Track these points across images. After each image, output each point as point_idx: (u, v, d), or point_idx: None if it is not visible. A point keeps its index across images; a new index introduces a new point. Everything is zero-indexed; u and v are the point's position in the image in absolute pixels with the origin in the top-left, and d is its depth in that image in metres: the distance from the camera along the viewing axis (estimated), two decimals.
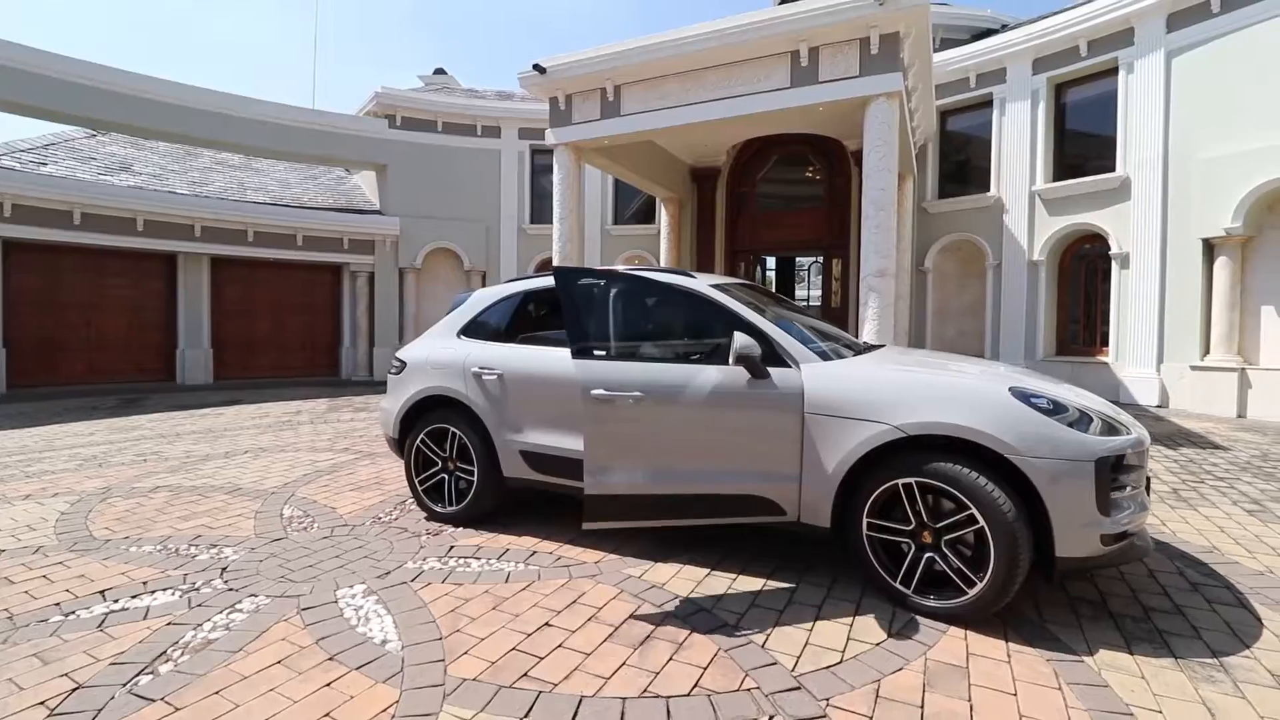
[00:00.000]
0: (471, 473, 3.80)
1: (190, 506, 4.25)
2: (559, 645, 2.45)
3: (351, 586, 2.96)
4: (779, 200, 13.69)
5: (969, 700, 2.13)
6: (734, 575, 3.11)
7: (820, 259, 13.93)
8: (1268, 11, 7.64)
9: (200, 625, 2.58)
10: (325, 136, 12.90)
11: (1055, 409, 2.63)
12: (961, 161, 11.59)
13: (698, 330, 3.22)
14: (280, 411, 8.89)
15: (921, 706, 2.09)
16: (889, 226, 7.22)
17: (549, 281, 4.02)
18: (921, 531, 2.71)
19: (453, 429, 3.84)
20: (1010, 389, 2.69)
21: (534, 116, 14.07)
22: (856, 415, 2.79)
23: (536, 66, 8.70)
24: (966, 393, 2.72)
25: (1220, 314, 8.16)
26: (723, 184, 13.69)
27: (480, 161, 14.12)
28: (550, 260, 14.29)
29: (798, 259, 18.48)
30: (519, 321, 3.96)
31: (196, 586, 2.95)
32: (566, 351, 3.58)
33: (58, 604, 2.78)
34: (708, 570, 3.17)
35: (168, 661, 2.31)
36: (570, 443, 3.46)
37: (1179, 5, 8.39)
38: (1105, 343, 9.70)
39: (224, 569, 3.16)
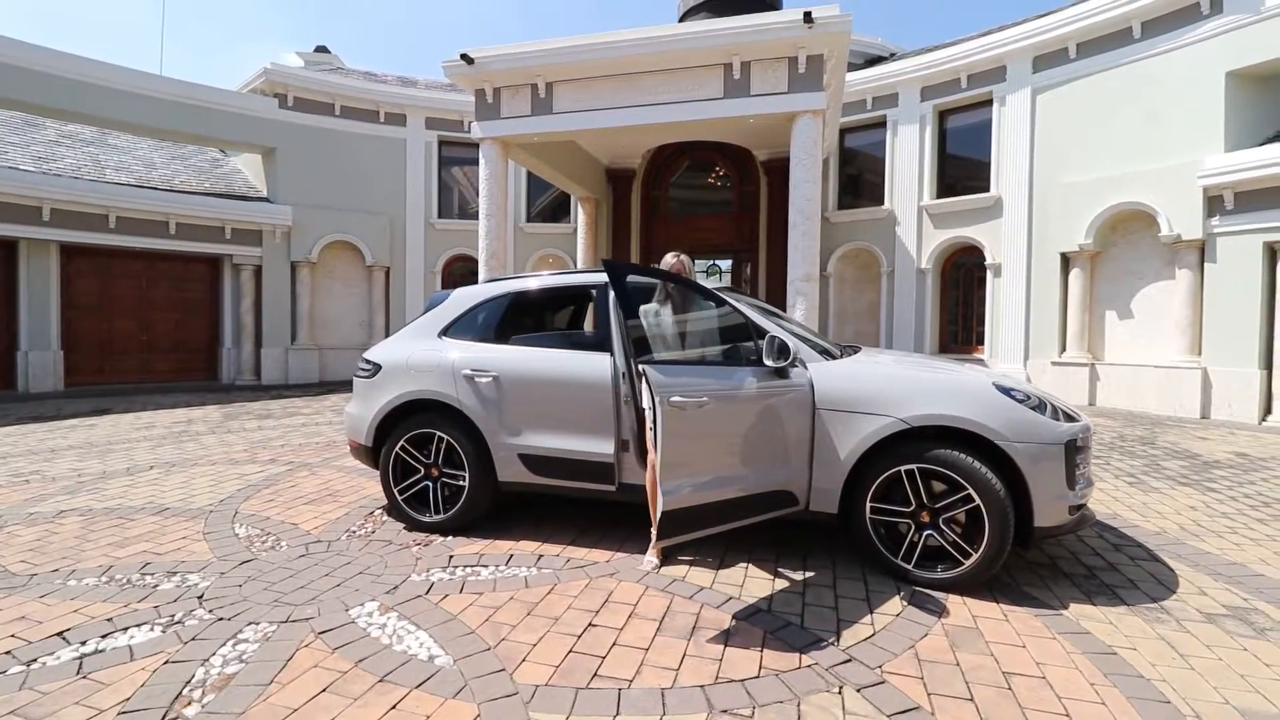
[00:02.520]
0: (460, 478, 3.65)
1: (117, 531, 3.72)
2: (614, 644, 2.47)
3: (363, 605, 2.77)
4: (692, 205, 14.17)
5: (992, 655, 2.42)
6: (744, 565, 3.26)
7: (730, 262, 14.59)
8: (1113, 60, 9.09)
9: (207, 660, 2.31)
10: (206, 113, 11.55)
11: (1027, 400, 3.04)
12: (858, 176, 12.64)
13: (719, 335, 3.32)
14: (167, 421, 7.89)
15: (957, 664, 2.35)
16: (814, 234, 7.76)
17: (538, 281, 3.97)
18: (921, 512, 3.01)
19: (439, 434, 3.67)
20: (994, 384, 3.07)
21: (442, 106, 13.50)
22: (863, 409, 3.05)
23: (464, 56, 8.41)
24: (959, 387, 3.06)
25: (1074, 317, 9.58)
26: (638, 186, 13.93)
27: (383, 150, 13.30)
28: (460, 257, 13.83)
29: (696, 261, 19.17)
30: (509, 322, 3.86)
31: (178, 619, 2.62)
32: (567, 352, 3.58)
33: (8, 652, 2.36)
34: (717, 560, 3.30)
35: (191, 704, 2.06)
36: (573, 444, 3.45)
37: (1043, 49, 9.75)
38: (981, 341, 11.03)
39: (200, 597, 2.83)
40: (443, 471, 3.71)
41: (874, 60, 12.72)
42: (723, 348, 3.30)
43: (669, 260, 3.31)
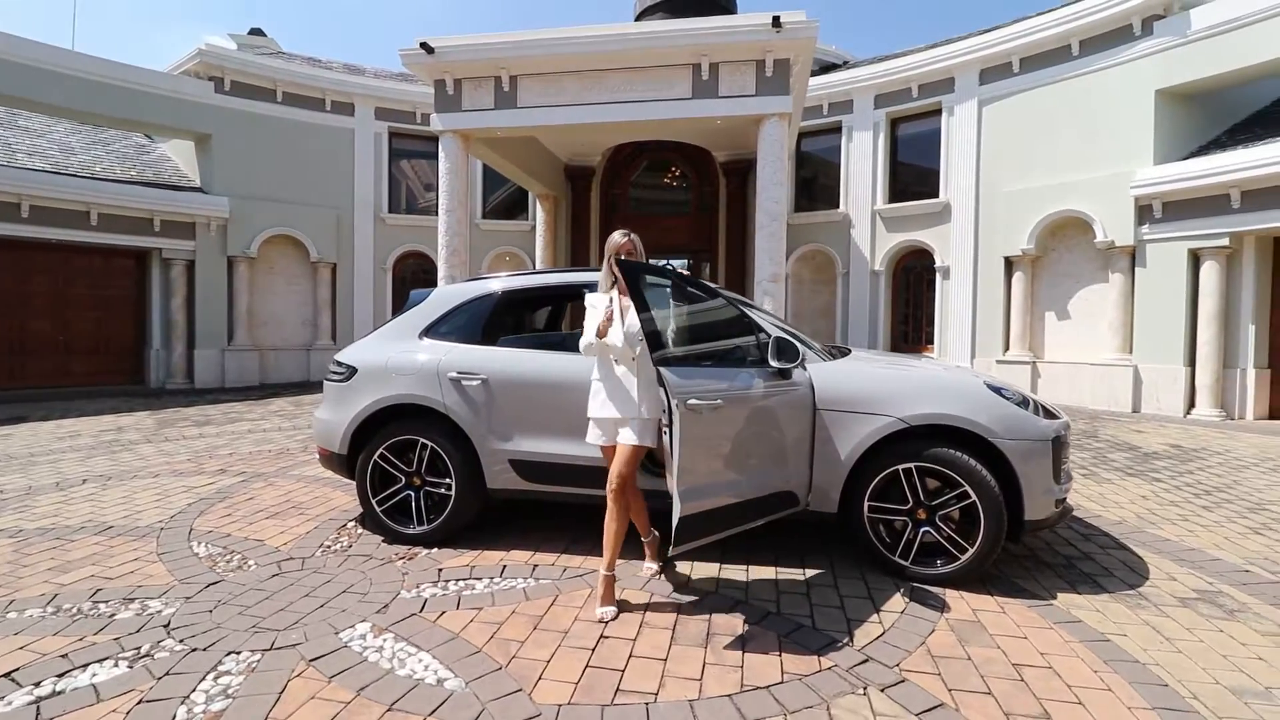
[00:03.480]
0: (446, 487, 3.49)
1: (57, 554, 3.37)
2: (630, 655, 2.39)
3: (354, 627, 2.59)
4: (651, 204, 14.18)
5: (998, 647, 2.47)
6: (743, 566, 3.24)
7: (685, 261, 14.66)
8: (1054, 76, 9.61)
9: (188, 698, 2.10)
10: (132, 95, 10.70)
11: (1016, 398, 3.14)
12: (814, 179, 12.93)
13: (718, 334, 3.26)
14: (93, 429, 7.27)
15: (969, 658, 2.39)
16: (780, 235, 7.87)
17: (527, 280, 3.83)
18: (918, 509, 3.06)
19: (423, 440, 3.49)
20: (985, 384, 3.16)
21: (394, 96, 13.00)
22: (864, 409, 3.08)
23: (424, 45, 8.10)
24: (954, 387, 3.14)
25: (1017, 317, 10.09)
26: (597, 184, 13.83)
27: (330, 140, 12.69)
28: (413, 254, 13.36)
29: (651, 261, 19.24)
30: (497, 322, 3.71)
31: (145, 652, 2.38)
32: (561, 355, 3.47)
33: None
34: (716, 564, 3.27)
35: None
36: (568, 449, 3.34)
37: (989, 63, 10.22)
38: (930, 341, 11.47)
39: (167, 625, 2.58)
40: (426, 480, 3.54)
41: (829, 67, 13.03)
42: (725, 347, 3.27)
43: (617, 239, 2.90)
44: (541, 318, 4.79)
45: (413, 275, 13.56)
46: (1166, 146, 8.58)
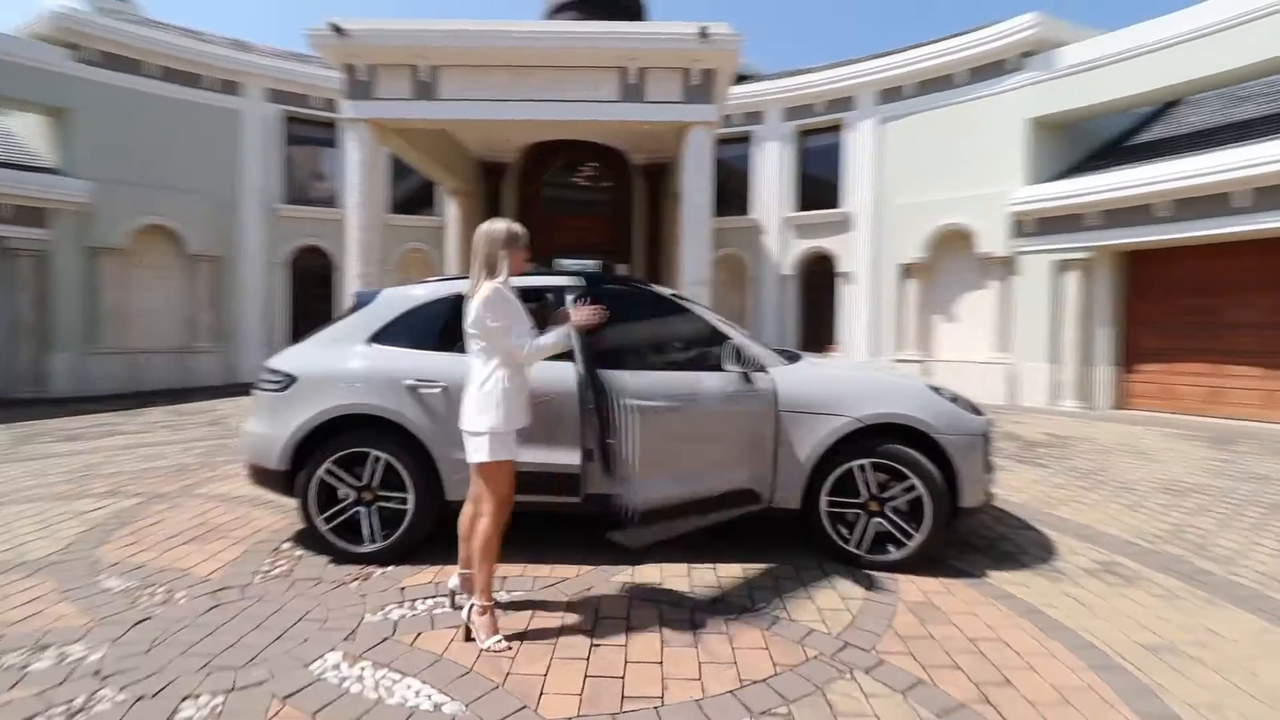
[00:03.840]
0: (401, 501, 3.31)
1: None
2: (627, 662, 2.40)
3: (323, 657, 2.40)
4: (567, 203, 14.06)
5: (954, 625, 2.72)
6: (712, 565, 3.33)
7: (598, 262, 14.68)
8: (942, 101, 10.57)
9: None
10: None
11: (949, 397, 3.46)
12: (726, 185, 13.38)
13: (682, 341, 3.36)
14: None
15: (932, 637, 2.62)
16: (706, 239, 8.11)
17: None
18: (870, 502, 3.30)
19: (375, 452, 3.29)
20: (926, 385, 3.45)
21: (288, 77, 12.04)
22: (823, 411, 3.27)
23: (334, 26, 7.58)
24: (901, 389, 3.40)
25: (911, 320, 11.02)
26: (513, 181, 13.54)
27: (213, 122, 11.52)
28: (311, 249, 12.42)
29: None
30: (453, 327, 3.55)
31: (80, 706, 2.08)
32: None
33: None
34: (685, 565, 3.33)
35: None
36: (535, 456, 3.28)
37: (885, 85, 11.07)
38: (834, 340, 12.25)
39: (99, 673, 2.27)
40: (379, 495, 3.33)
41: (740, 78, 13.51)
42: (687, 353, 3.37)
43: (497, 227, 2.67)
44: None
45: (311, 273, 12.61)
46: (1037, 169, 9.72)
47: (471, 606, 2.55)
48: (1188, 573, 3.33)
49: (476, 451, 2.55)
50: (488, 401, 2.53)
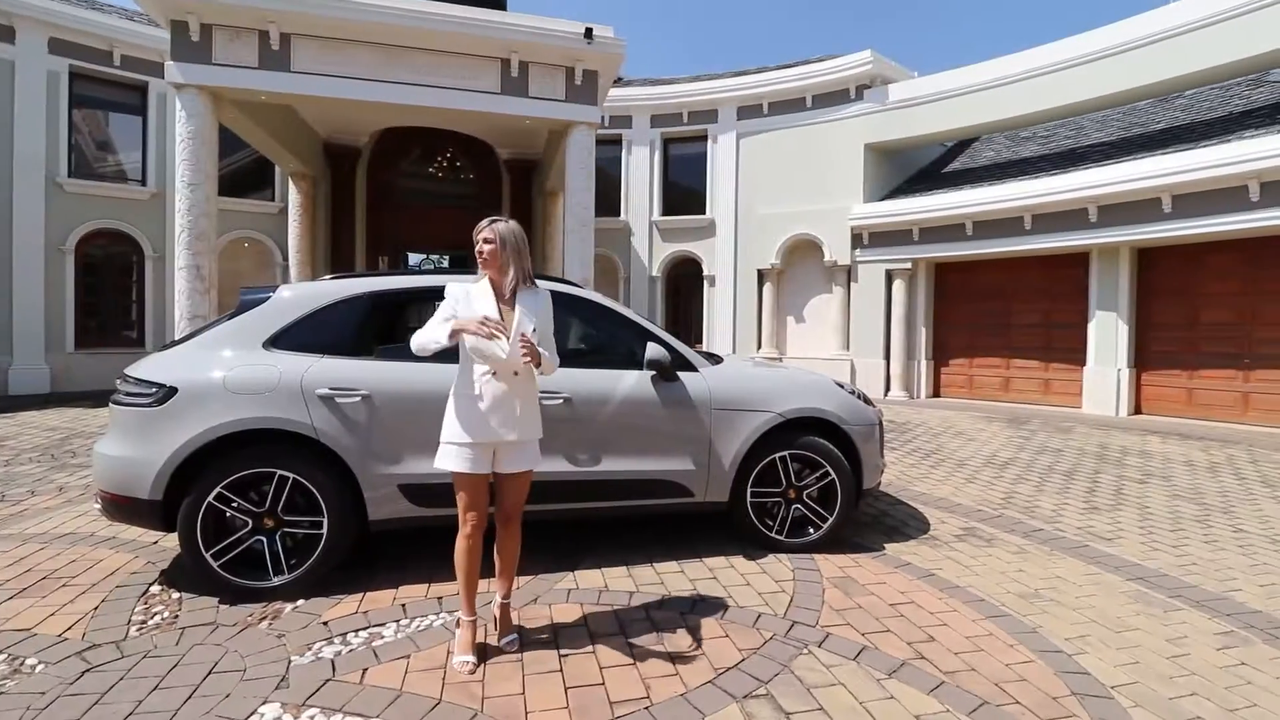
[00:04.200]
0: (313, 524, 2.96)
1: None
2: (602, 667, 2.40)
3: (259, 713, 2.08)
4: (427, 195, 13.27)
5: (874, 594, 3.07)
6: (648, 564, 3.40)
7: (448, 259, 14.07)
8: (794, 121, 11.61)
9: None
10: None
11: (852, 393, 3.88)
12: (597, 187, 13.50)
13: (600, 340, 3.48)
14: None
15: (860, 607, 2.93)
16: (589, 240, 8.17)
17: (401, 282, 3.42)
18: (789, 490, 3.60)
19: (280, 472, 2.91)
20: (834, 381, 3.83)
21: (78, 26, 9.97)
22: (751, 407, 3.50)
23: None
24: (815, 385, 3.74)
25: (767, 321, 11.98)
26: (364, 167, 12.48)
27: None
28: (105, 233, 10.46)
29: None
30: (370, 330, 3.24)
31: None
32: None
33: None
34: (623, 567, 3.37)
35: None
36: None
37: (744, 102, 11.91)
38: (700, 340, 12.92)
39: None
40: (284, 520, 2.95)
41: None
42: (619, 352, 3.44)
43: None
44: (409, 323, 4.34)
45: (105, 260, 10.60)
46: (873, 189, 11.08)
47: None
48: (1026, 531, 4.05)
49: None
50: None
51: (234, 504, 2.87)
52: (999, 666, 2.43)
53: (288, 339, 3.09)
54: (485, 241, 2.39)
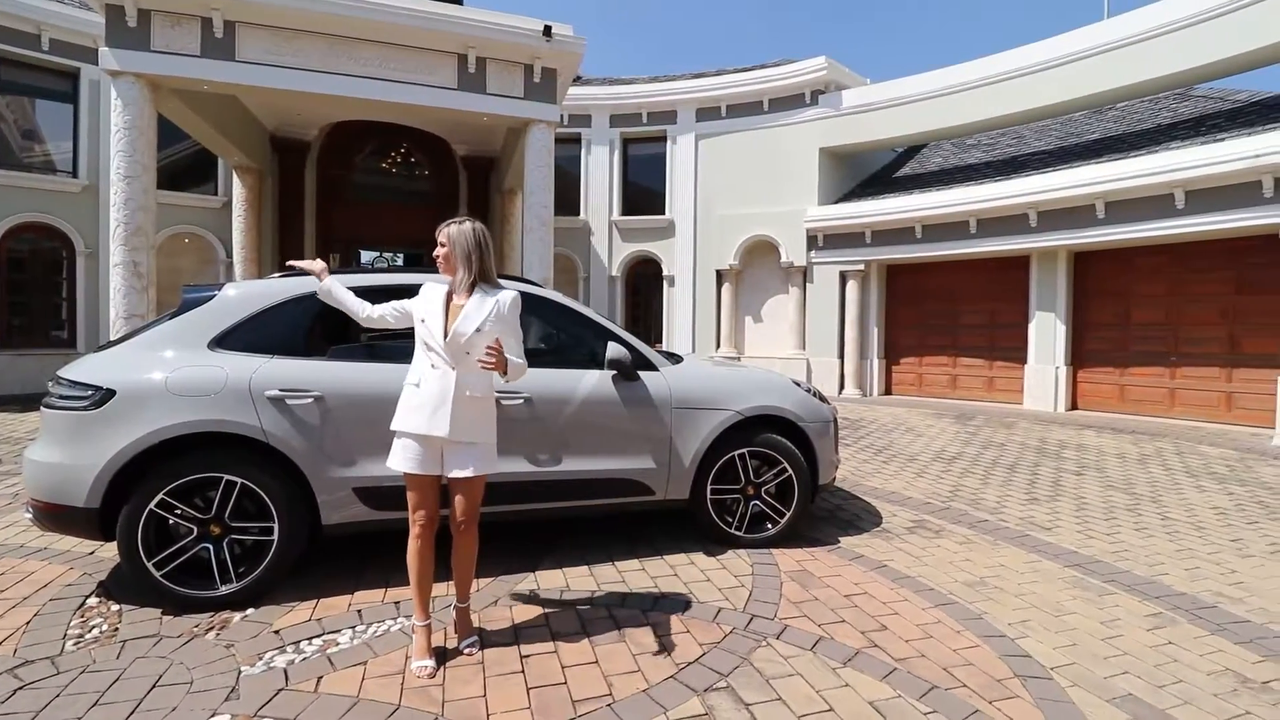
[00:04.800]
0: (263, 530, 2.86)
1: None
2: (564, 667, 2.40)
3: None
4: (381, 191, 12.96)
5: (829, 586, 3.16)
6: (609, 563, 3.42)
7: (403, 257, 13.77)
8: (752, 124, 11.78)
9: None
10: None
11: (807, 390, 3.97)
12: (557, 186, 13.42)
13: (572, 341, 3.48)
14: None
15: (816, 599, 3.01)
16: (549, 240, 8.12)
17: (355, 280, 3.32)
18: (748, 487, 3.66)
19: (228, 477, 2.81)
20: (790, 380, 3.92)
21: None
22: (711, 406, 3.54)
23: None
24: (772, 384, 3.81)
25: (726, 320, 12.13)
26: (314, 162, 12.10)
27: None
28: (30, 227, 9.83)
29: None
30: (322, 330, 3.15)
31: None
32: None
33: None
34: (584, 566, 3.37)
35: None
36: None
37: (703, 104, 12.01)
38: (660, 340, 12.98)
39: None
40: (232, 526, 2.85)
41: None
42: (582, 351, 3.45)
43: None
44: (354, 324, 4.24)
45: (38, 258, 9.98)
46: (827, 191, 11.34)
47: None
48: (972, 523, 4.23)
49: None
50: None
51: (178, 511, 2.76)
52: (947, 652, 2.54)
53: (235, 339, 2.98)
54: (440, 244, 2.45)
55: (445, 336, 2.32)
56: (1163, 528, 4.20)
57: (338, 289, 2.64)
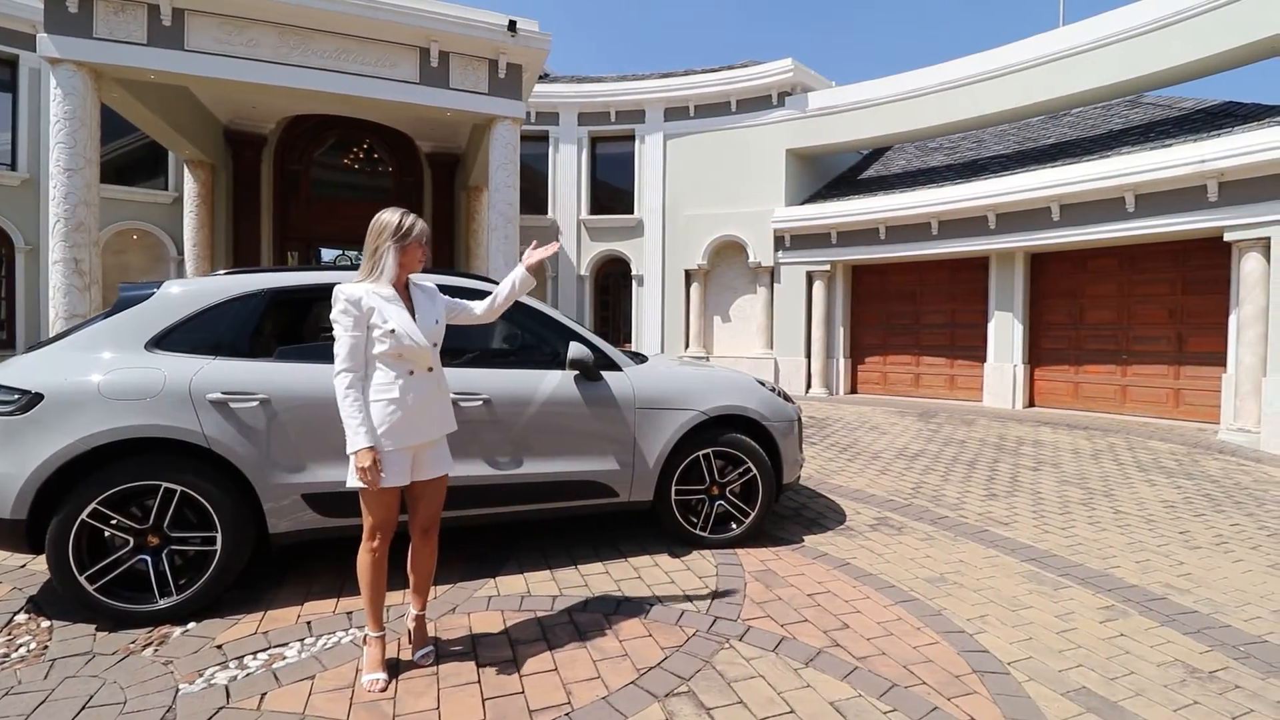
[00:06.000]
0: (205, 540, 2.72)
1: None
2: (522, 675, 2.33)
3: None
4: (342, 187, 12.65)
5: (793, 585, 3.15)
6: (572, 567, 3.35)
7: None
8: (720, 125, 11.81)
9: None
10: None
11: (772, 390, 3.97)
12: (524, 184, 13.26)
13: (534, 340, 3.42)
14: None
15: (779, 599, 3.00)
16: (514, 238, 8.01)
17: (305, 278, 3.20)
18: (712, 487, 3.64)
19: (167, 485, 2.67)
20: (754, 379, 3.90)
21: None
22: (675, 405, 3.51)
23: None
24: (737, 383, 3.79)
25: (695, 320, 12.15)
26: (270, 156, 11.73)
27: None
28: None
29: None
30: (269, 329, 3.02)
31: None
32: None
33: None
34: (546, 570, 3.31)
35: None
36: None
37: (671, 104, 12.00)
38: (629, 339, 12.95)
39: None
40: (171, 536, 2.71)
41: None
42: (544, 351, 3.38)
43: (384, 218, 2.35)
44: (317, 323, 4.08)
45: None
46: (794, 192, 11.44)
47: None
48: (933, 519, 4.28)
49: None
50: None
51: (113, 521, 2.61)
52: (907, 649, 2.54)
53: (175, 339, 2.84)
54: (422, 245, 2.35)
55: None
56: (1115, 521, 4.32)
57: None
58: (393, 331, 2.16)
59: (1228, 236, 7.27)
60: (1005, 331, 9.52)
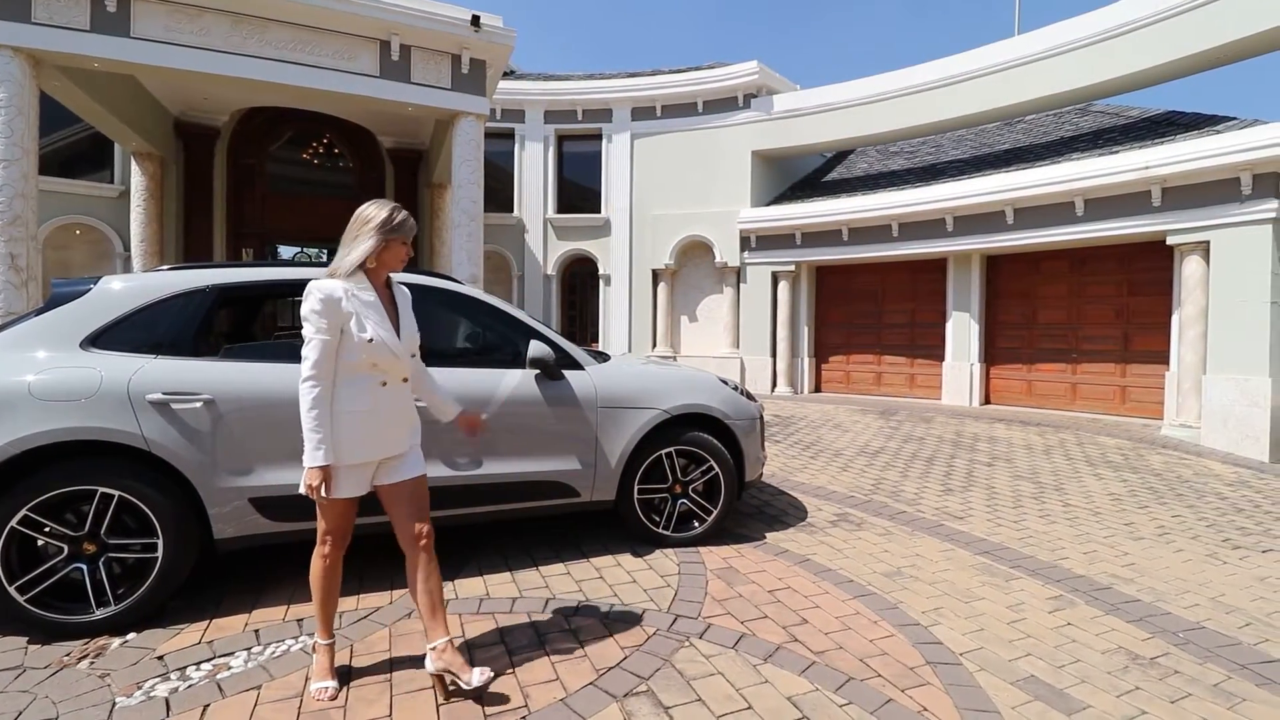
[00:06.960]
0: (145, 547, 2.60)
1: None
2: (495, 676, 2.29)
3: None
4: (300, 183, 12.30)
5: (754, 582, 3.17)
6: (531, 569, 3.31)
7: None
8: (686, 125, 11.86)
9: None
10: None
11: (734, 388, 3.99)
12: (489, 182, 13.09)
13: (494, 339, 3.36)
14: None
15: (741, 596, 3.01)
16: (478, 236, 7.91)
17: (252, 274, 3.09)
18: (675, 486, 3.64)
19: (104, 489, 2.54)
20: (717, 378, 3.92)
21: None
22: (637, 404, 3.50)
23: None
24: (699, 382, 3.80)
25: (662, 320, 12.17)
26: (223, 149, 11.34)
27: None
28: None
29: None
30: (215, 327, 2.90)
31: None
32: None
33: None
34: (507, 572, 3.26)
35: None
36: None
37: (639, 103, 12.00)
38: (596, 339, 12.90)
39: None
40: (109, 544, 2.58)
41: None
42: (506, 350, 3.34)
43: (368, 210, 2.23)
44: (267, 321, 3.94)
45: None
46: (759, 193, 11.55)
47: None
48: (892, 514, 4.37)
49: None
50: None
51: (46, 528, 2.48)
52: (864, 643, 2.58)
53: (112, 337, 2.71)
54: (407, 246, 2.20)
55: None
56: (1064, 514, 4.47)
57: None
58: (370, 340, 2.02)
59: (1170, 240, 7.60)
60: (963, 331, 9.77)
